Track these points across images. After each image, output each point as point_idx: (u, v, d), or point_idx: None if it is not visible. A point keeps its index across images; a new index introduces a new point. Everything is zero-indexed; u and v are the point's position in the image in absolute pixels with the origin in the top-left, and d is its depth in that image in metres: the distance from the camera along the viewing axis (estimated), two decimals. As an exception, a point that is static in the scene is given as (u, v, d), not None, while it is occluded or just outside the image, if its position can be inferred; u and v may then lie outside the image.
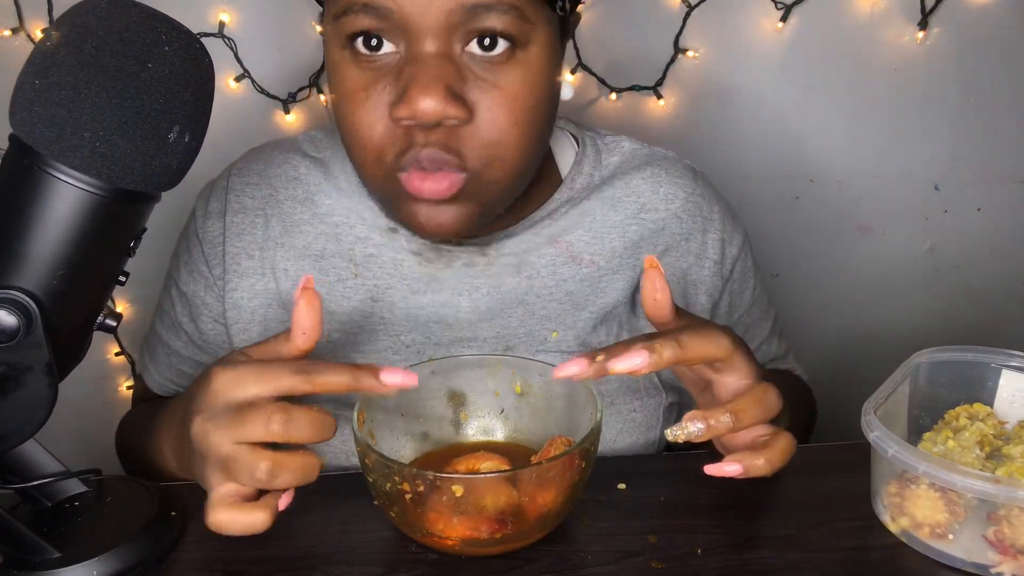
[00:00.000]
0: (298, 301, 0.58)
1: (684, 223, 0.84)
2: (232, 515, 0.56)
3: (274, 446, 0.56)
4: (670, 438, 0.60)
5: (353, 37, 0.66)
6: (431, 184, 0.66)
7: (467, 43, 0.65)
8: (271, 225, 0.81)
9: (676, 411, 0.85)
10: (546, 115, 0.70)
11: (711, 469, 0.61)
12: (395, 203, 0.71)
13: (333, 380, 0.56)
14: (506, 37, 0.65)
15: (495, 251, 0.79)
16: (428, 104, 0.62)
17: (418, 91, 0.62)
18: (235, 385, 0.56)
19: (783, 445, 0.61)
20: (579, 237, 0.81)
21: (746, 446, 0.62)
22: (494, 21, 0.64)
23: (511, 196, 0.73)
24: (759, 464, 0.60)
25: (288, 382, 0.56)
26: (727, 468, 0.60)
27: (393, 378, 0.57)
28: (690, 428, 0.59)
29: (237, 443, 0.55)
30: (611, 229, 0.82)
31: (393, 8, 0.63)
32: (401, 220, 0.73)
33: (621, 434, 0.79)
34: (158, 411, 0.79)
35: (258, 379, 0.56)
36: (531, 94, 0.67)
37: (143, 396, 0.92)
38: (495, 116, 0.66)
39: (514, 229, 0.80)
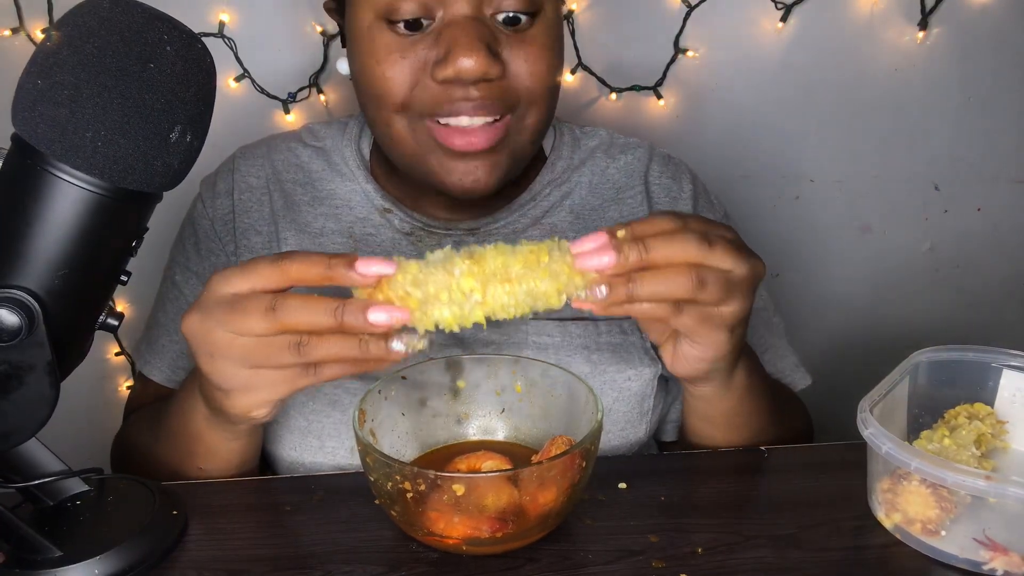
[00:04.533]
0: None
1: (659, 204, 0.88)
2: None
3: None
4: (575, 305, 0.55)
5: (390, 11, 0.69)
6: (473, 138, 0.71)
7: (498, 7, 0.70)
8: (274, 200, 0.85)
9: (666, 383, 0.86)
10: (560, 73, 0.76)
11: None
12: (426, 160, 0.74)
13: (304, 266, 0.55)
14: (530, 3, 0.70)
15: (484, 233, 0.83)
16: (471, 63, 0.68)
17: (461, 51, 0.68)
18: (221, 281, 0.57)
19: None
20: (562, 219, 0.85)
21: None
22: None
23: (532, 151, 0.79)
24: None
25: (264, 272, 0.55)
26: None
27: (371, 268, 0.53)
28: (594, 294, 0.54)
29: (249, 335, 0.55)
30: (592, 212, 0.86)
31: None
32: (433, 178, 0.75)
33: (616, 403, 0.80)
34: (173, 395, 0.76)
35: (241, 272, 0.56)
36: (551, 50, 0.74)
37: (142, 399, 0.91)
38: (527, 69, 0.72)
39: (500, 214, 0.84)
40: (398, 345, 0.54)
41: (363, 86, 0.75)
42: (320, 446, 0.77)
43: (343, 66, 0.79)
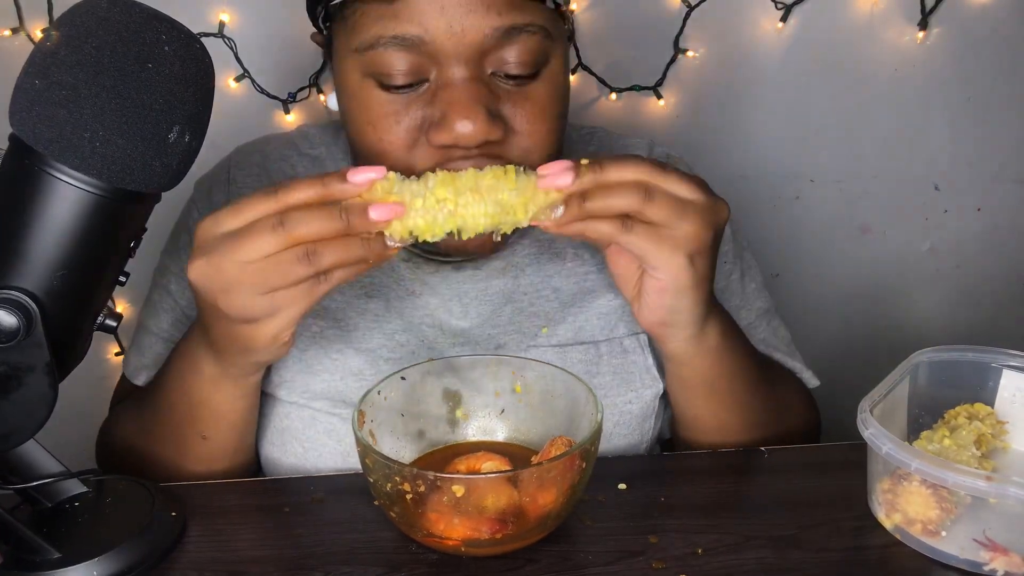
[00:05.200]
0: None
1: None
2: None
3: None
4: (537, 222, 0.59)
5: (380, 76, 0.66)
6: None
7: (499, 65, 0.66)
8: None
9: (665, 400, 0.84)
10: (566, 117, 0.73)
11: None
12: None
13: (302, 192, 0.56)
14: (534, 62, 0.67)
15: (482, 255, 0.80)
16: (470, 128, 0.64)
17: (458, 116, 0.64)
18: (213, 224, 0.57)
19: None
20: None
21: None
22: (523, 44, 0.66)
23: None
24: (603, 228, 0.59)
25: (259, 204, 0.56)
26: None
27: (361, 176, 0.56)
28: (553, 212, 0.58)
29: (253, 260, 0.55)
30: None
31: (425, 38, 0.64)
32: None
33: (618, 426, 0.79)
34: (165, 367, 0.76)
35: (233, 210, 0.57)
36: (558, 103, 0.70)
37: (125, 398, 0.89)
38: (532, 129, 0.68)
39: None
40: (392, 241, 0.58)
41: (354, 140, 0.72)
42: (317, 473, 0.77)
43: (333, 102, 0.75)
